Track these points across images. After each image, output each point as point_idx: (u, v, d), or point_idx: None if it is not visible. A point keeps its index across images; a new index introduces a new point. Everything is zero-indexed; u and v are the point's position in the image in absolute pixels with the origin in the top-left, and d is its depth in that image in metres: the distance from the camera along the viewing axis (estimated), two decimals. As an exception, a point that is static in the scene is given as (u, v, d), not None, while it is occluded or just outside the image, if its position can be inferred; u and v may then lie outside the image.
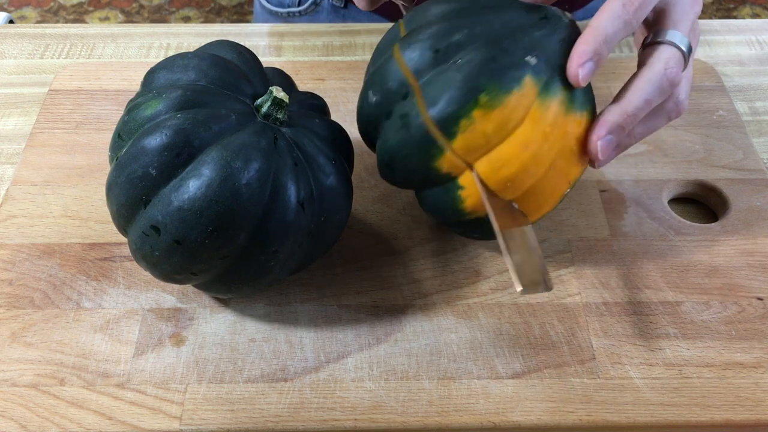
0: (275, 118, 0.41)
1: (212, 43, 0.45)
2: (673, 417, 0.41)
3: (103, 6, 2.04)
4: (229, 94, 0.41)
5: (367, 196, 0.52)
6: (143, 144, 0.38)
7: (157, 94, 0.40)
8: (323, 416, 0.41)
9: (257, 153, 0.38)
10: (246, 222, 0.38)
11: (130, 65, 0.62)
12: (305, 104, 0.45)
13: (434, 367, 0.43)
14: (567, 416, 0.41)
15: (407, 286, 0.48)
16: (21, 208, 0.51)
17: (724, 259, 0.49)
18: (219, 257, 0.39)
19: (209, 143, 0.38)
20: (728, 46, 0.67)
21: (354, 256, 0.49)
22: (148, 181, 0.38)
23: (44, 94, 0.60)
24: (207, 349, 0.44)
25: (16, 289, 0.47)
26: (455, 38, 0.40)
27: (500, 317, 0.46)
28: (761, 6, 2.05)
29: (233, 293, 0.44)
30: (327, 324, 0.45)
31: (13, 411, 0.41)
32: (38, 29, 0.68)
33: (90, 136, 0.56)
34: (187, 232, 0.38)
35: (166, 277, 0.41)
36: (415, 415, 0.41)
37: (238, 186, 0.38)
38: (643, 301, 0.47)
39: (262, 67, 0.45)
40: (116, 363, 0.43)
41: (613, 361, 0.44)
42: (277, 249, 0.40)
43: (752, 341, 0.45)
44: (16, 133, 0.58)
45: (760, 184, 0.53)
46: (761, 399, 0.42)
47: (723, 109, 0.59)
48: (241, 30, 0.68)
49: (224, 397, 0.42)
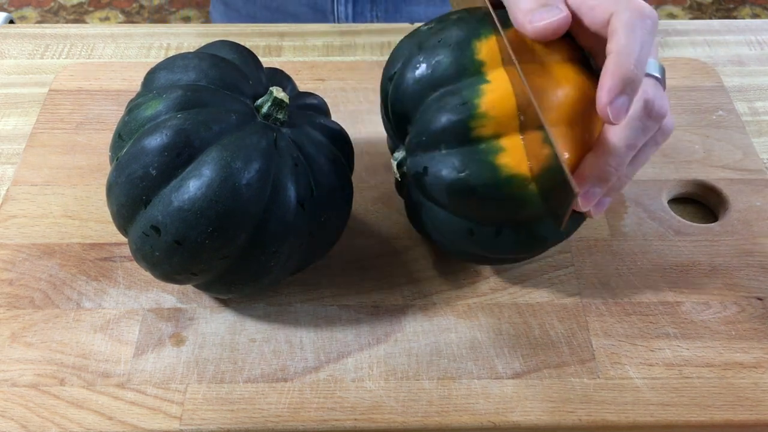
0: (275, 119, 0.41)
1: (212, 43, 0.45)
2: (673, 417, 0.41)
3: (103, 6, 2.04)
4: (229, 95, 0.41)
5: (367, 196, 0.52)
6: (143, 144, 0.38)
7: (158, 94, 0.40)
8: (323, 416, 0.41)
9: (257, 153, 0.38)
10: (246, 222, 0.38)
11: (130, 65, 0.62)
12: (305, 104, 0.45)
13: (434, 367, 0.43)
14: (567, 416, 0.41)
15: (407, 286, 0.48)
16: (21, 208, 0.51)
17: (724, 259, 0.49)
18: (219, 257, 0.39)
19: (209, 143, 0.38)
20: (728, 46, 0.67)
21: (354, 256, 0.49)
22: (149, 181, 0.38)
23: (44, 94, 0.60)
24: (207, 349, 0.44)
25: (16, 289, 0.47)
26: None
27: (500, 317, 0.46)
28: (761, 6, 2.04)
29: (233, 293, 0.44)
30: (327, 324, 0.45)
31: (13, 411, 0.41)
32: (38, 29, 0.68)
33: (90, 136, 0.56)
34: (188, 233, 0.38)
35: (167, 278, 0.41)
36: (415, 415, 0.41)
37: (239, 186, 0.38)
38: (643, 301, 0.47)
39: (262, 67, 0.45)
40: (116, 363, 0.43)
41: (613, 361, 0.44)
42: (277, 249, 0.40)
43: (752, 341, 0.45)
44: (16, 133, 0.58)
45: (760, 184, 0.53)
46: (761, 399, 0.42)
47: (723, 109, 0.59)
48: (242, 30, 0.68)
49: (224, 397, 0.42)
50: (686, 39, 0.68)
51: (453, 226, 0.41)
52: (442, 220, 0.42)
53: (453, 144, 0.39)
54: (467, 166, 0.39)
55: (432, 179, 0.40)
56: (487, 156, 0.38)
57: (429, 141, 0.40)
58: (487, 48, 0.39)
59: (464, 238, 0.42)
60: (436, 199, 0.41)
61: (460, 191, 0.39)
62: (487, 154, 0.38)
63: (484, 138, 0.39)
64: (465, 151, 0.39)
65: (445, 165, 0.39)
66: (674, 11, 2.03)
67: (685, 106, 0.59)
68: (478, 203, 0.39)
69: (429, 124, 0.40)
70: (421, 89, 0.40)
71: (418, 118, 0.41)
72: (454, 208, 0.41)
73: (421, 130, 0.40)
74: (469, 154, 0.39)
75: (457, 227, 0.41)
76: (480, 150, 0.39)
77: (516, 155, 0.38)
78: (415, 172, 0.41)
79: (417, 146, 0.41)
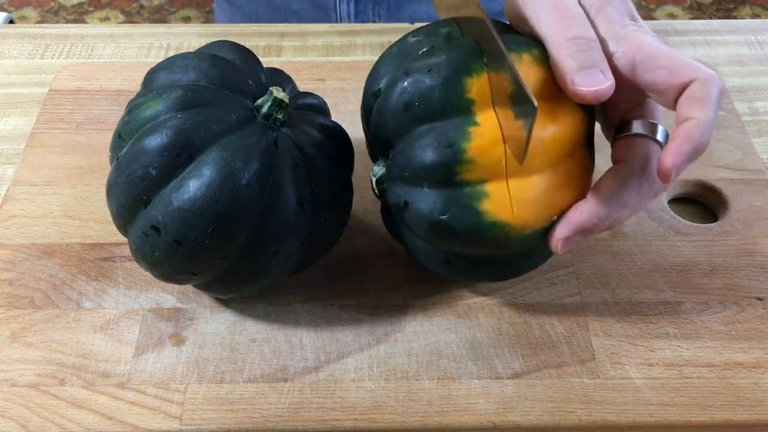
0: (275, 119, 0.41)
1: (212, 43, 0.45)
2: (673, 417, 0.41)
3: (103, 6, 2.04)
4: (229, 95, 0.41)
5: (366, 196, 0.52)
6: (143, 144, 0.38)
7: (158, 94, 0.40)
8: (323, 416, 0.41)
9: (257, 153, 0.38)
10: (246, 222, 0.38)
11: (130, 65, 0.62)
12: (305, 104, 0.45)
13: (434, 367, 0.43)
14: (567, 416, 0.41)
15: (407, 286, 0.48)
16: (21, 208, 0.51)
17: (724, 259, 0.49)
18: (219, 257, 0.39)
19: (209, 143, 0.38)
20: (728, 46, 0.67)
21: (354, 256, 0.49)
22: (149, 181, 0.38)
23: (44, 94, 0.60)
24: (207, 349, 0.44)
25: (16, 289, 0.47)
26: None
27: (500, 317, 0.46)
28: (761, 6, 2.05)
29: (233, 293, 0.44)
30: (327, 324, 0.45)
31: (13, 411, 0.41)
32: (38, 29, 0.68)
33: (90, 136, 0.56)
34: (188, 233, 0.38)
35: (167, 278, 0.41)
36: (415, 415, 0.41)
37: (239, 186, 0.38)
38: (643, 301, 0.47)
39: (262, 67, 0.45)
40: (116, 363, 0.43)
41: (613, 361, 0.44)
42: (277, 249, 0.40)
43: (752, 341, 0.45)
44: (16, 133, 0.58)
45: (760, 184, 0.53)
46: (761, 399, 0.42)
47: (723, 109, 0.59)
48: (242, 30, 0.68)
49: (224, 397, 0.42)
50: (686, 39, 0.68)
51: (429, 254, 0.41)
52: (419, 246, 0.41)
53: (436, 184, 0.38)
54: (449, 208, 0.38)
55: (412, 215, 0.39)
56: (471, 201, 0.38)
57: (411, 176, 0.39)
58: (479, 86, 0.38)
59: (440, 264, 0.42)
60: (415, 232, 0.40)
61: (441, 232, 0.39)
62: (471, 198, 0.38)
63: (469, 182, 0.38)
64: (448, 193, 0.38)
65: (426, 204, 0.38)
66: (674, 11, 2.03)
67: (685, 106, 0.59)
68: (458, 244, 0.39)
69: (413, 160, 0.38)
70: (406, 120, 0.39)
71: (401, 148, 0.40)
72: (433, 243, 0.40)
73: (404, 163, 0.39)
74: (452, 196, 0.38)
75: (434, 255, 0.41)
76: (464, 194, 0.38)
77: (500, 201, 0.38)
78: (395, 203, 0.40)
79: (399, 177, 0.40)
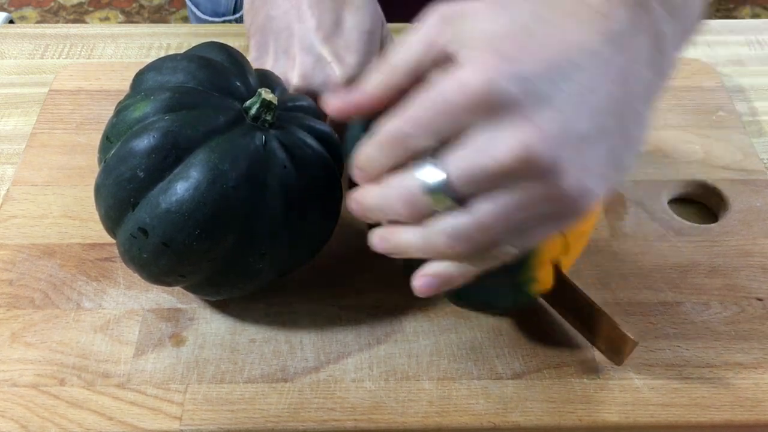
0: (264, 121, 0.41)
1: (201, 44, 0.45)
2: (673, 417, 0.41)
3: (103, 6, 2.04)
4: (217, 96, 0.41)
5: (367, 197, 0.52)
6: (131, 146, 0.38)
7: (146, 95, 0.40)
8: (323, 416, 0.41)
9: (245, 155, 0.38)
10: (234, 224, 0.38)
11: (130, 65, 0.62)
12: (295, 107, 0.45)
13: (434, 367, 0.43)
14: (567, 416, 0.41)
15: (407, 286, 0.47)
16: (21, 209, 0.51)
17: (724, 259, 0.49)
18: (207, 259, 0.39)
19: (197, 145, 0.38)
20: (728, 46, 0.67)
21: (354, 256, 0.49)
22: (136, 183, 0.38)
23: (44, 94, 0.60)
24: (207, 350, 0.44)
25: (16, 290, 0.47)
26: None
27: (500, 317, 0.46)
28: (761, 6, 2.04)
29: (223, 295, 0.44)
30: (327, 324, 0.45)
31: (13, 411, 0.41)
32: (38, 29, 0.68)
33: (90, 136, 0.56)
34: (175, 235, 0.38)
35: (155, 279, 0.41)
36: (415, 416, 0.41)
37: (226, 188, 0.37)
38: (642, 301, 0.47)
39: (251, 69, 0.45)
40: (116, 363, 0.43)
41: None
42: (265, 251, 0.40)
43: (752, 341, 0.45)
44: (16, 133, 0.58)
45: (759, 184, 0.53)
46: (761, 399, 0.42)
47: (723, 110, 0.59)
48: (241, 30, 0.68)
49: (224, 397, 0.42)
50: (686, 39, 0.68)
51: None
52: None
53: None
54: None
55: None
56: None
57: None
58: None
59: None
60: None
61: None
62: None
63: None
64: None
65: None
66: (674, 11, 2.02)
67: (685, 106, 0.59)
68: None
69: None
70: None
71: None
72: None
73: None
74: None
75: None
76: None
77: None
78: None
79: None
